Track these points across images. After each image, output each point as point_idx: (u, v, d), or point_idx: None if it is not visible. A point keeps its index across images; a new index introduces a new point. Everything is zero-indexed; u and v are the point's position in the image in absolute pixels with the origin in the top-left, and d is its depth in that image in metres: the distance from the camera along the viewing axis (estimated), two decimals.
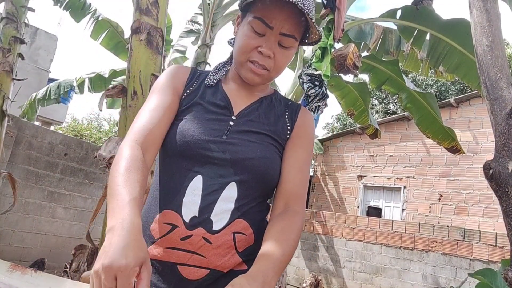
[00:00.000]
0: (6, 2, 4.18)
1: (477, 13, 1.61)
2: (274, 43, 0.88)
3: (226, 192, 0.83)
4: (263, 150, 0.88)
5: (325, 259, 7.78)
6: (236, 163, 0.85)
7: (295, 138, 0.95)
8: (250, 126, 0.91)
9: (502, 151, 1.40)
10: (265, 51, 0.87)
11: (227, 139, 0.86)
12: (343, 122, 16.66)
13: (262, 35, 0.87)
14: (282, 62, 0.91)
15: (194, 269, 0.80)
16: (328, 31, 3.06)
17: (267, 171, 0.87)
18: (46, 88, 6.16)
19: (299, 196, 0.90)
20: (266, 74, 0.90)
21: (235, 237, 0.83)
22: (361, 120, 4.73)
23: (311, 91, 2.86)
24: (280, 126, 0.95)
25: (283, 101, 1.01)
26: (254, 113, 0.94)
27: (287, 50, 0.90)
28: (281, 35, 0.87)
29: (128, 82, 2.59)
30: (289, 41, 0.88)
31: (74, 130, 14.18)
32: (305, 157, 0.94)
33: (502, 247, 5.78)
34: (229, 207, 0.83)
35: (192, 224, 0.81)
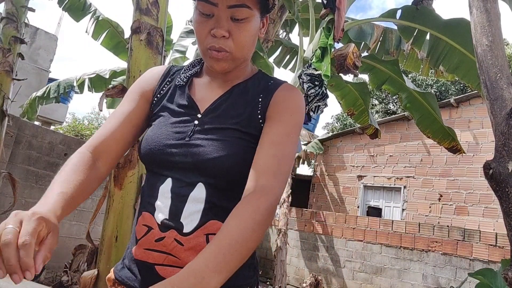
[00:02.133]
0: (6, 2, 4.18)
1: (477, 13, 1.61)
2: (226, 20, 0.81)
3: (194, 193, 0.81)
4: (228, 148, 0.82)
5: (325, 259, 7.78)
6: (198, 166, 0.81)
7: (271, 115, 0.85)
8: (216, 123, 0.85)
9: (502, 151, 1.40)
10: (216, 31, 0.80)
11: (189, 141, 0.83)
12: (343, 122, 16.67)
13: (210, 15, 0.81)
14: (242, 37, 0.82)
15: (171, 269, 0.79)
16: (328, 31, 3.06)
17: (233, 169, 0.81)
18: (46, 87, 6.16)
19: (272, 169, 0.78)
20: (229, 56, 0.83)
21: (208, 238, 0.80)
22: (361, 120, 4.73)
23: (311, 91, 2.86)
24: (248, 114, 0.86)
25: (263, 83, 0.91)
26: (221, 107, 0.87)
27: (243, 23, 0.82)
28: (230, 8, 0.80)
29: (128, 82, 2.59)
30: (241, 12, 0.80)
31: (74, 130, 14.19)
32: (281, 130, 0.83)
33: (502, 247, 5.78)
34: (198, 208, 0.81)
35: (164, 226, 0.81)
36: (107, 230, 2.36)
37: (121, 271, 0.87)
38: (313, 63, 2.94)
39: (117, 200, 2.39)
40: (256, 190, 0.75)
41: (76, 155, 0.83)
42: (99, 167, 0.84)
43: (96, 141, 0.86)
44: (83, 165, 0.81)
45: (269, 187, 0.76)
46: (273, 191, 0.76)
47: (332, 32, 3.02)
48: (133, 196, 2.40)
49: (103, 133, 0.87)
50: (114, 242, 2.32)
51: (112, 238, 2.32)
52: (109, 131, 0.87)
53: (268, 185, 0.76)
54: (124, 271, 0.86)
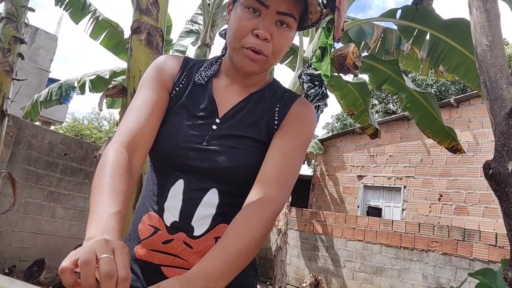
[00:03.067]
0: (6, 2, 4.18)
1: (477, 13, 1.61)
2: (271, 23, 0.80)
3: (207, 198, 0.81)
4: (245, 157, 0.82)
5: (325, 259, 7.78)
6: (215, 173, 0.81)
7: (284, 127, 0.87)
8: (233, 130, 0.85)
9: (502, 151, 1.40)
10: (261, 32, 0.79)
11: (207, 145, 0.82)
12: (343, 122, 16.67)
13: (257, 15, 0.80)
14: (281, 45, 0.82)
15: (178, 270, 0.79)
16: (328, 31, 3.06)
17: (248, 178, 0.81)
18: (48, 89, 6.17)
19: (280, 181, 0.79)
20: (264, 60, 0.82)
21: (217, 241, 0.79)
22: (361, 120, 4.73)
23: (311, 91, 2.86)
24: (265, 123, 0.87)
25: (279, 93, 0.92)
26: (239, 114, 0.87)
27: (286, 31, 0.82)
28: (278, 14, 0.79)
29: (128, 82, 2.59)
30: (288, 20, 0.81)
31: (74, 130, 14.18)
32: (292, 143, 0.84)
33: (502, 247, 5.78)
34: (210, 213, 0.81)
35: (173, 229, 0.81)
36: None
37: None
38: (313, 63, 2.94)
39: None
40: (263, 199, 0.76)
41: (111, 154, 0.76)
42: (135, 164, 0.80)
43: (130, 135, 0.81)
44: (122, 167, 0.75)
45: (275, 197, 0.77)
46: (278, 202, 0.77)
47: (332, 32, 3.02)
48: (133, 196, 2.40)
49: (133, 126, 0.82)
50: None
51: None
52: (138, 124, 0.82)
53: (275, 195, 0.77)
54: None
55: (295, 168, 0.83)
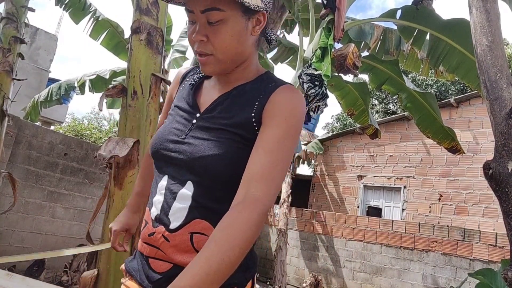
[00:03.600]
0: (6, 2, 4.18)
1: (477, 13, 1.61)
2: (203, 25, 0.83)
3: (182, 191, 0.84)
4: (215, 148, 0.83)
5: (325, 259, 7.78)
6: (189, 164, 0.84)
7: (265, 118, 0.84)
8: (210, 123, 0.87)
9: (501, 151, 1.40)
10: (194, 36, 0.83)
11: (184, 138, 0.87)
12: (343, 122, 16.66)
13: (193, 22, 0.84)
14: (219, 39, 0.82)
15: (161, 262, 0.84)
16: (328, 31, 3.06)
17: (218, 170, 0.81)
18: (48, 89, 6.17)
19: (265, 179, 0.76)
20: (212, 59, 0.84)
21: (192, 237, 0.82)
22: (361, 120, 4.73)
23: (311, 91, 2.86)
24: (242, 116, 0.86)
25: (266, 84, 0.90)
26: (218, 108, 0.89)
27: (217, 26, 0.82)
28: (203, 13, 0.81)
29: (128, 82, 2.59)
30: (213, 15, 0.81)
31: (74, 130, 14.18)
32: (276, 135, 0.81)
33: (502, 247, 5.78)
34: (184, 206, 0.83)
35: (156, 222, 0.86)
36: (107, 230, 2.35)
37: (130, 262, 0.94)
38: (313, 63, 2.94)
39: (117, 200, 2.39)
40: (248, 201, 0.74)
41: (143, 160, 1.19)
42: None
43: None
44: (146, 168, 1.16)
45: (260, 197, 0.75)
46: (264, 201, 0.75)
47: (332, 32, 3.02)
48: None
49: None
50: None
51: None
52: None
53: (260, 194, 0.75)
54: (133, 262, 0.93)
55: (282, 162, 0.80)
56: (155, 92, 2.59)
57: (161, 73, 2.65)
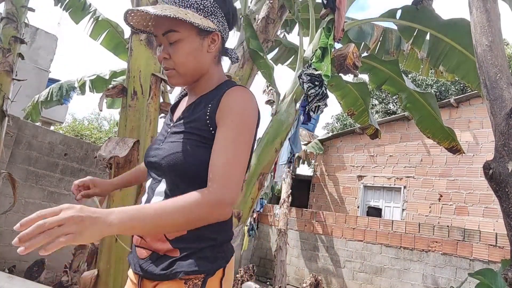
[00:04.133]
0: (6, 2, 4.17)
1: (477, 13, 1.61)
2: (166, 45, 1.01)
3: (158, 188, 1.00)
4: (175, 147, 0.98)
5: (325, 259, 7.78)
6: (160, 164, 1.00)
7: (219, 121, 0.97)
8: (177, 128, 1.03)
9: (502, 151, 1.40)
10: (158, 56, 1.03)
11: (161, 145, 1.03)
12: (343, 122, 16.66)
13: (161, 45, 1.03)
14: (178, 55, 1.00)
15: (142, 250, 1.00)
16: (328, 31, 3.06)
17: (177, 165, 0.96)
18: (48, 90, 6.16)
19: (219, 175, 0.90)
20: (175, 73, 1.02)
21: None
22: (361, 120, 4.73)
23: (311, 91, 2.86)
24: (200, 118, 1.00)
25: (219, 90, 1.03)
26: (185, 114, 1.05)
27: (176, 44, 1.00)
28: (163, 35, 1.00)
29: (128, 82, 2.59)
30: (171, 36, 0.99)
31: (74, 130, 14.18)
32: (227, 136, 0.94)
33: (502, 247, 5.78)
34: (159, 199, 0.98)
35: None
36: None
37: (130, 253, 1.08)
38: (313, 63, 2.94)
39: (117, 200, 2.39)
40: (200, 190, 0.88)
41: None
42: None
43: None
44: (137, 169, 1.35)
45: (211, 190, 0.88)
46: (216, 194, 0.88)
47: (332, 32, 3.02)
48: (133, 196, 2.40)
49: None
50: (114, 242, 2.32)
51: (112, 238, 2.32)
52: None
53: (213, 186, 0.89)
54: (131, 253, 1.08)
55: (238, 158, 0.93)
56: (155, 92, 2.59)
57: (161, 73, 2.65)
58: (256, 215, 8.72)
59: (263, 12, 3.44)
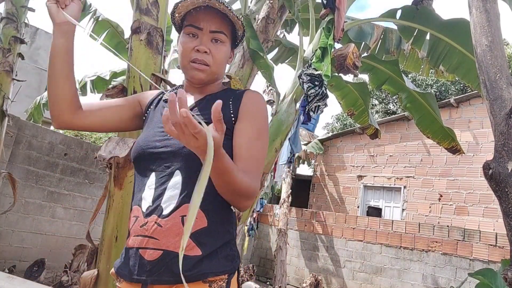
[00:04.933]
0: (6, 2, 4.18)
1: (477, 13, 1.61)
2: (208, 41, 1.04)
3: (172, 180, 0.95)
4: None
5: (325, 259, 7.78)
6: (175, 154, 0.97)
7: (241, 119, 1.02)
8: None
9: (501, 151, 1.40)
10: (201, 47, 1.03)
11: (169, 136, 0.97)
12: (343, 122, 16.67)
13: (196, 36, 1.04)
14: (219, 56, 1.05)
15: (151, 251, 0.91)
16: (328, 31, 3.06)
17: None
18: None
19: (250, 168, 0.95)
20: (208, 69, 1.04)
21: (183, 219, 0.91)
22: (361, 120, 4.73)
23: (311, 91, 2.86)
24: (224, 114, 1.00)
25: (230, 92, 1.11)
26: (195, 109, 1.06)
27: (220, 45, 1.05)
28: (211, 32, 1.04)
29: (128, 82, 2.59)
30: (219, 36, 1.05)
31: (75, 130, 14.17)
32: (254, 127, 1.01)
33: (502, 247, 5.78)
34: (175, 193, 0.94)
35: (147, 213, 0.95)
36: (107, 230, 2.36)
37: (118, 264, 1.00)
38: (313, 63, 2.94)
39: (117, 200, 2.39)
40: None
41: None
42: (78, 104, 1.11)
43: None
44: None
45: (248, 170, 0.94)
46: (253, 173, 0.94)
47: (332, 32, 3.02)
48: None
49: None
50: (114, 242, 2.32)
51: (112, 238, 2.32)
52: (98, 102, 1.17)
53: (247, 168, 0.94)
54: (119, 263, 0.99)
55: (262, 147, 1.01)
56: None
57: (161, 73, 2.65)
58: (256, 215, 8.73)
59: (263, 12, 3.44)
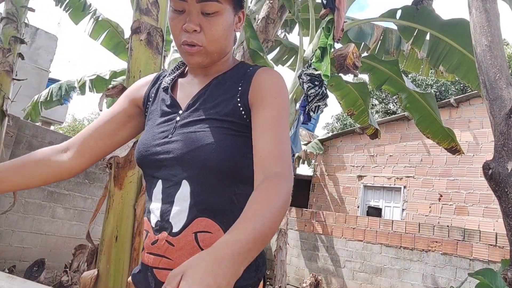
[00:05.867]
0: (6, 2, 4.18)
1: (477, 13, 1.61)
2: (197, 14, 0.82)
3: (180, 192, 0.81)
4: (204, 138, 0.81)
5: (325, 259, 7.78)
6: (180, 160, 0.82)
7: (255, 101, 0.84)
8: (194, 116, 0.85)
9: (501, 151, 1.40)
10: (187, 26, 0.81)
11: (172, 138, 0.84)
12: (343, 122, 16.67)
13: (182, 11, 0.82)
14: (213, 31, 0.82)
15: (166, 272, 0.80)
16: (328, 31, 3.06)
17: (210, 158, 0.79)
18: (48, 90, 6.17)
19: (276, 155, 0.77)
20: (203, 50, 0.83)
21: (197, 236, 0.80)
22: (361, 120, 4.73)
23: (311, 91, 2.86)
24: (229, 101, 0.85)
25: (242, 70, 0.91)
26: (200, 100, 0.88)
27: (214, 17, 0.82)
28: (199, 2, 0.80)
29: (128, 82, 2.59)
30: (210, 6, 0.81)
31: (74, 130, 14.18)
32: (270, 115, 0.81)
33: (502, 247, 5.78)
34: (184, 207, 0.81)
35: (157, 229, 0.83)
36: (107, 230, 2.36)
37: (137, 274, 0.89)
38: (313, 63, 2.95)
39: (117, 200, 2.39)
40: (270, 177, 0.73)
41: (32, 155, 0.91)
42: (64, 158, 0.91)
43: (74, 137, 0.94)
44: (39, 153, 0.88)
45: (280, 171, 0.75)
46: (285, 175, 0.74)
47: (332, 32, 3.02)
48: (133, 196, 2.40)
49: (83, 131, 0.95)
50: (114, 242, 2.32)
51: (112, 238, 2.32)
52: (89, 129, 0.94)
53: (279, 170, 0.75)
54: (139, 275, 0.89)
55: (284, 137, 0.81)
56: None
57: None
58: None
59: (263, 12, 3.44)
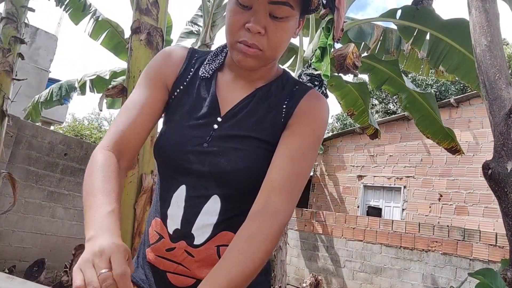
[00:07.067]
0: (6, 2, 4.18)
1: (476, 13, 1.61)
2: (264, 15, 0.73)
3: (208, 206, 0.77)
4: (247, 159, 0.77)
5: (325, 259, 7.78)
6: (215, 176, 0.77)
7: (292, 126, 0.79)
8: (235, 129, 0.79)
9: (501, 151, 1.40)
10: (252, 26, 0.72)
11: (207, 147, 0.78)
12: (343, 122, 16.67)
13: (248, 7, 0.73)
14: (278, 37, 0.75)
15: (182, 277, 0.79)
16: (327, 31, 3.06)
17: (252, 184, 0.76)
18: (49, 90, 6.18)
19: (286, 190, 0.73)
20: (260, 55, 0.75)
21: (219, 250, 0.78)
22: (361, 120, 4.74)
23: None
24: (271, 121, 0.80)
25: (289, 87, 0.84)
26: (242, 112, 0.81)
27: (282, 22, 0.74)
28: (271, 3, 0.72)
29: (128, 82, 2.59)
30: (282, 9, 0.73)
31: (74, 130, 14.18)
32: (301, 145, 0.77)
33: (502, 247, 5.78)
34: (211, 221, 0.77)
35: (175, 237, 0.79)
36: None
37: (135, 271, 0.85)
38: (313, 63, 2.95)
39: None
40: (269, 210, 0.71)
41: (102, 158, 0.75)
42: (122, 166, 0.79)
43: (116, 138, 0.79)
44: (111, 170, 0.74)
45: (281, 209, 0.72)
46: (285, 213, 0.72)
47: (332, 32, 3.02)
48: (133, 196, 2.40)
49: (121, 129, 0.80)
50: None
51: None
52: (128, 124, 0.80)
53: (281, 207, 0.72)
54: (138, 271, 0.85)
55: (304, 173, 0.77)
56: None
57: None
58: None
59: None
